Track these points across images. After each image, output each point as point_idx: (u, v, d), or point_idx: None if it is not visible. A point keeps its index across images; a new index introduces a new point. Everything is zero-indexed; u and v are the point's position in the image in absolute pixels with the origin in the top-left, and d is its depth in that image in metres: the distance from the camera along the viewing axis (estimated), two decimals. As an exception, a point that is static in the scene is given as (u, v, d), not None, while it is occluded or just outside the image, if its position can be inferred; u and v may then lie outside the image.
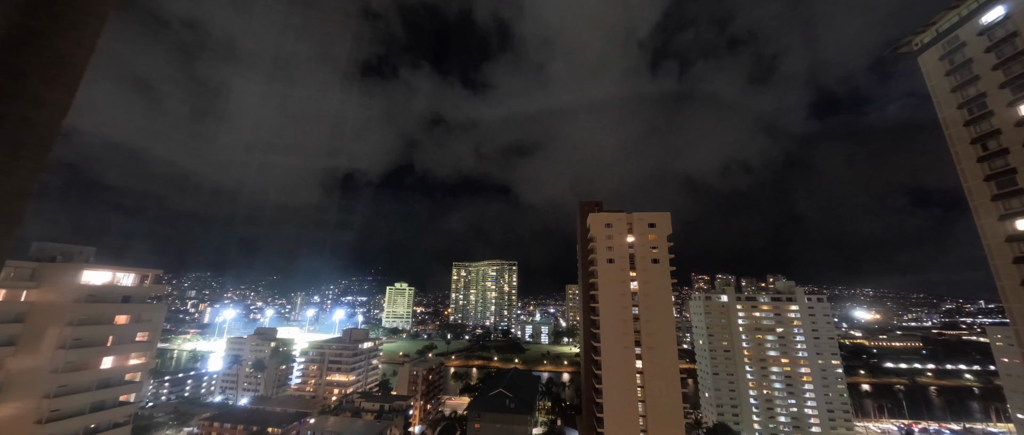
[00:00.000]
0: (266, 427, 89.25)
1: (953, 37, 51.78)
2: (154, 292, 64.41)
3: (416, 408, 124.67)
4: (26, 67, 3.75)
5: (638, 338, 79.80)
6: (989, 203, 47.66)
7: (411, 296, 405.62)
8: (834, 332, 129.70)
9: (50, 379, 50.32)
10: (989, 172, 47.82)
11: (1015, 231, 45.45)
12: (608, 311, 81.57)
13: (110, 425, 55.76)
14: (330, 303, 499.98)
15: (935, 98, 53.69)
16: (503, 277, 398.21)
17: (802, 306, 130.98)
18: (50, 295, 51.67)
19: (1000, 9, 47.04)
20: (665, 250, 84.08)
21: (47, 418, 49.43)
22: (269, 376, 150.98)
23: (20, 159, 3.75)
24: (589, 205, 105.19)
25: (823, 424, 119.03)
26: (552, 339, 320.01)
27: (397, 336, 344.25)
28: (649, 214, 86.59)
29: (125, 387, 58.05)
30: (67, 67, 4.01)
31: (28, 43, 3.72)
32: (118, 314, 58.03)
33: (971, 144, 49.73)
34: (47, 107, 3.92)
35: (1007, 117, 46.44)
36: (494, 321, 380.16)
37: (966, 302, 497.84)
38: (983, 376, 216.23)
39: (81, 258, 56.90)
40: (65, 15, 3.89)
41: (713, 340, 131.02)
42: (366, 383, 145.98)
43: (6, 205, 3.74)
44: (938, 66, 53.45)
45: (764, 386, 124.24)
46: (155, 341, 63.79)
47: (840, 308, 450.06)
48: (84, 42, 4.11)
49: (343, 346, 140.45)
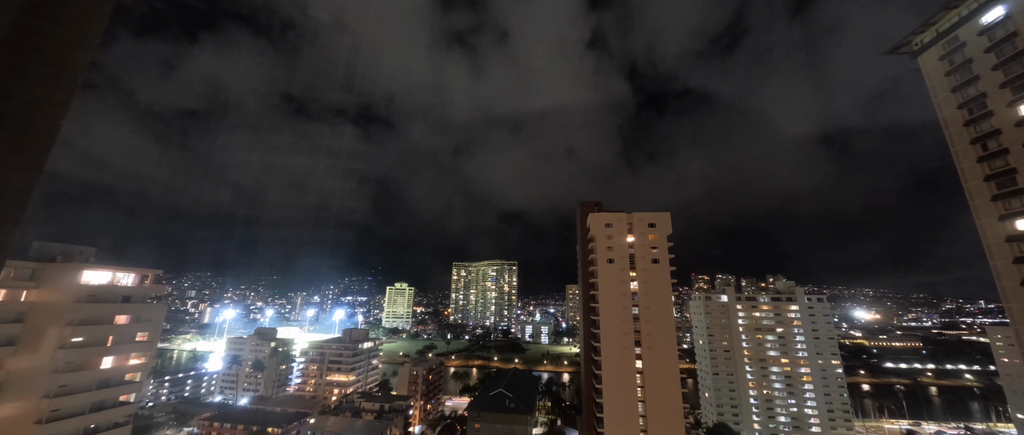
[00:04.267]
0: (266, 427, 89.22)
1: (953, 37, 51.73)
2: (154, 292, 64.36)
3: (416, 408, 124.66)
4: (26, 68, 3.75)
5: (638, 338, 79.73)
6: (989, 203, 47.63)
7: (411, 296, 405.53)
8: (834, 332, 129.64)
9: (50, 379, 50.28)
10: (989, 172, 47.80)
11: (1015, 231, 45.44)
12: (608, 311, 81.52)
13: (110, 425, 55.69)
14: (330, 303, 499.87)
15: (935, 98, 53.66)
16: (503, 277, 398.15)
17: (802, 306, 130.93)
18: (50, 295, 51.64)
19: (1000, 9, 47.02)
20: (665, 250, 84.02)
21: (47, 418, 49.37)
22: (269, 376, 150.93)
23: (20, 159, 3.75)
24: (589, 205, 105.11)
25: (823, 424, 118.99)
26: (552, 339, 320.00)
27: (397, 336, 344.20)
28: (649, 214, 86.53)
29: (125, 387, 57.98)
30: (67, 68, 4.01)
31: (28, 43, 3.72)
32: (118, 314, 57.98)
33: (971, 144, 49.71)
34: (47, 107, 3.92)
35: (1007, 117, 46.43)
36: (494, 321, 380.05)
37: (966, 302, 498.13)
38: (983, 376, 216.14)
39: (81, 258, 56.87)
40: (65, 15, 3.89)
41: (713, 340, 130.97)
42: (366, 383, 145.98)
43: (6, 205, 3.74)
44: (938, 66, 53.42)
45: (764, 386, 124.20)
46: (155, 341, 63.75)
47: (840, 308, 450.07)
48: (84, 43, 4.11)
49: (343, 346, 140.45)
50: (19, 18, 3.63)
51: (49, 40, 3.82)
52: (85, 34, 4.14)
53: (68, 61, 4.03)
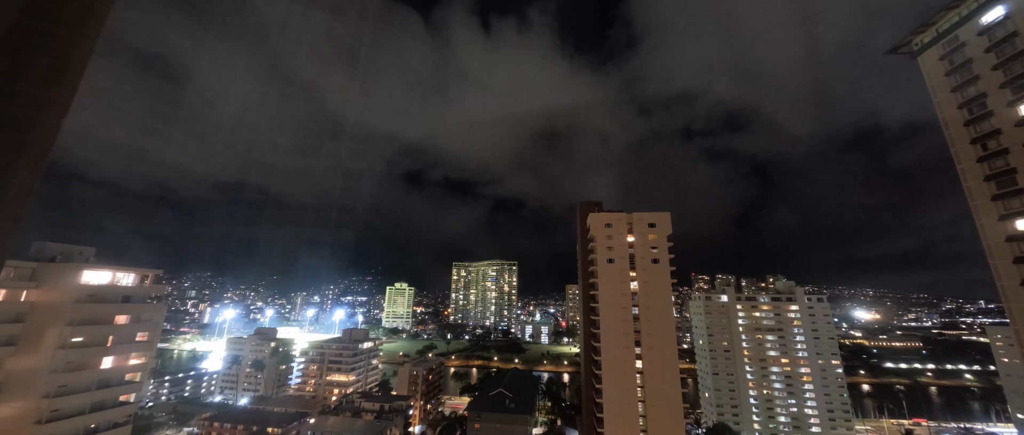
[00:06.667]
0: (266, 427, 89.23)
1: (953, 37, 51.73)
2: (154, 292, 64.35)
3: (416, 408, 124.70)
4: (26, 67, 3.75)
5: (638, 338, 79.75)
6: (989, 203, 47.62)
7: (411, 296, 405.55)
8: (834, 332, 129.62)
9: (50, 379, 50.29)
10: (989, 172, 47.79)
11: (1015, 231, 45.43)
12: (608, 311, 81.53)
13: (110, 425, 55.69)
14: (330, 303, 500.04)
15: (935, 98, 53.65)
16: (503, 277, 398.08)
17: (802, 306, 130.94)
18: (50, 295, 51.64)
19: (1000, 9, 47.02)
20: (665, 250, 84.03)
21: (47, 418, 49.39)
22: (269, 376, 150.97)
23: (20, 159, 3.75)
24: (589, 205, 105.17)
25: (823, 424, 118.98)
26: (552, 339, 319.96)
27: (397, 336, 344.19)
28: (649, 214, 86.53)
29: (125, 387, 57.99)
30: (67, 67, 4.01)
31: (28, 43, 3.72)
32: (118, 314, 57.98)
33: (971, 144, 49.70)
34: (47, 107, 3.92)
35: (1007, 117, 46.43)
36: (494, 321, 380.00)
37: (966, 302, 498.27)
38: (983, 376, 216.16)
39: (81, 258, 56.88)
40: (65, 15, 3.89)
41: (713, 340, 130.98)
42: (366, 383, 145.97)
43: (7, 205, 3.74)
44: (938, 66, 53.42)
45: (764, 386, 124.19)
46: (155, 341, 63.76)
47: (840, 308, 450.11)
48: (84, 42, 4.11)
49: (343, 346, 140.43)
50: (19, 18, 3.64)
51: (49, 40, 3.82)
52: (85, 34, 4.14)
53: (68, 61, 4.03)
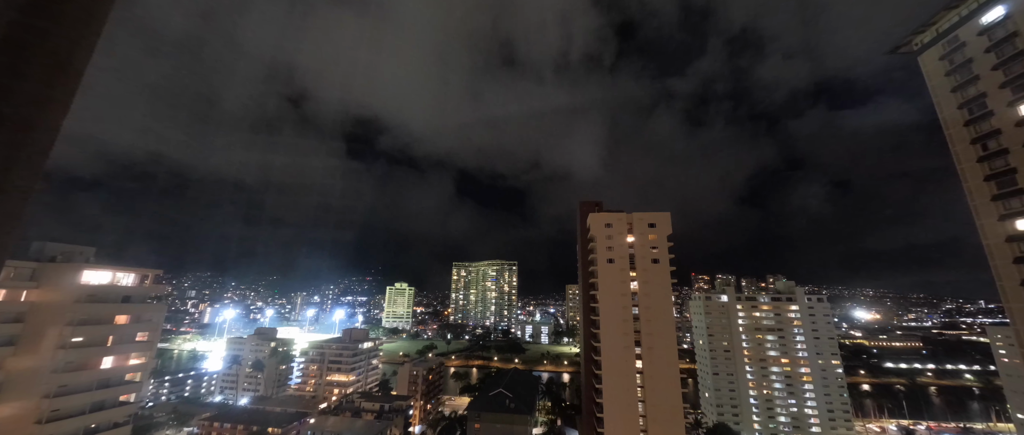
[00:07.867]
0: (266, 427, 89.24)
1: (953, 37, 51.72)
2: (154, 292, 64.34)
3: (416, 408, 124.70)
4: (26, 67, 3.75)
5: (638, 338, 79.74)
6: (989, 203, 47.62)
7: (411, 296, 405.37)
8: (834, 332, 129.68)
9: (50, 379, 50.27)
10: (989, 172, 47.78)
11: (1015, 231, 45.43)
12: (608, 311, 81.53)
13: (110, 425, 55.67)
14: (330, 303, 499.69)
15: (935, 98, 53.66)
16: (503, 277, 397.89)
17: (802, 306, 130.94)
18: (50, 295, 51.63)
19: (1000, 9, 47.01)
20: (665, 250, 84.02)
21: (47, 418, 49.36)
22: (269, 376, 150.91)
23: (20, 159, 3.75)
24: (589, 205, 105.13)
25: (823, 424, 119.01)
26: (552, 339, 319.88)
27: (397, 336, 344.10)
28: (649, 214, 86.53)
29: (125, 387, 57.97)
30: (67, 67, 4.01)
31: (28, 43, 3.72)
32: (118, 314, 57.96)
33: (971, 144, 49.70)
34: (47, 107, 3.91)
35: (1007, 117, 46.42)
36: (494, 321, 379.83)
37: (966, 302, 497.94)
38: (983, 376, 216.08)
39: (81, 258, 56.85)
40: (65, 15, 3.88)
41: (713, 340, 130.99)
42: (366, 383, 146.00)
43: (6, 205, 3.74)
44: (938, 66, 53.41)
45: (764, 386, 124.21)
46: (155, 341, 63.73)
47: (840, 308, 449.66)
48: (84, 42, 4.10)
49: (343, 346, 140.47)
50: (19, 18, 3.63)
51: (49, 40, 3.82)
52: (85, 34, 4.13)
53: (68, 61, 4.03)
